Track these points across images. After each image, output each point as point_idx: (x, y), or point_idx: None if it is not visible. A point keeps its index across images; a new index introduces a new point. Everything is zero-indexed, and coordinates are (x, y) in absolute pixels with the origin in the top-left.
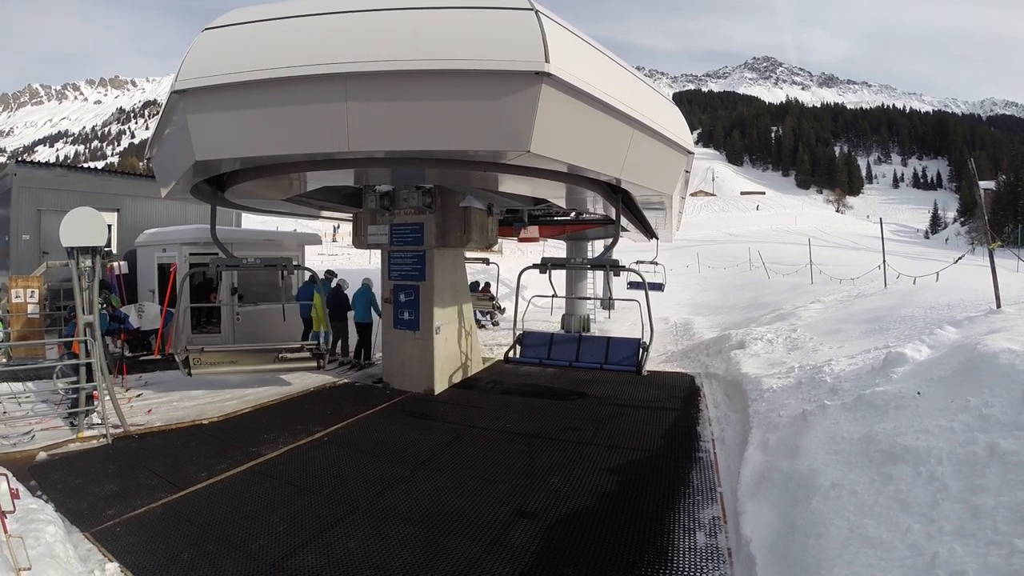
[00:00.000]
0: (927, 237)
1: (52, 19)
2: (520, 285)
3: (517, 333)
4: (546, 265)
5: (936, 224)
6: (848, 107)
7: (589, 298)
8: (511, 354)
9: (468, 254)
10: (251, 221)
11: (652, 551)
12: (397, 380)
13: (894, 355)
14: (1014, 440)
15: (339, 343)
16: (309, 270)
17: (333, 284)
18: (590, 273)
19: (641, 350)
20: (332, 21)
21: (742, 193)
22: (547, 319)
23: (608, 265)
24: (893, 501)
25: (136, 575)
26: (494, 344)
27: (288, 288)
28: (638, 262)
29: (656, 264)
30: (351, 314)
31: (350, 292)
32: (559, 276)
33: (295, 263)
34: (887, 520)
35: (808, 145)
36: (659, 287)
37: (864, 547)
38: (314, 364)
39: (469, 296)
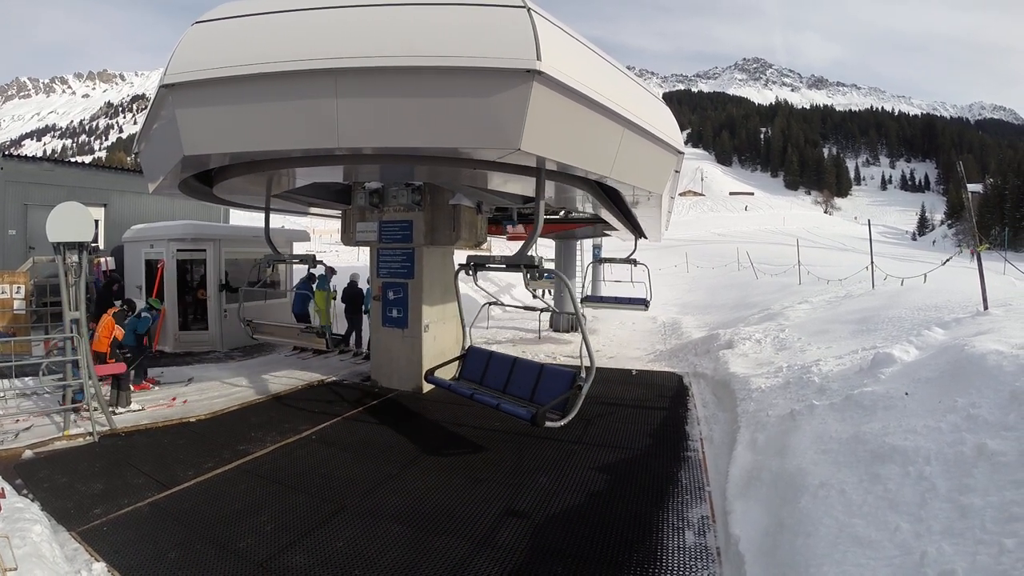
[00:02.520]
0: (915, 239)
1: (40, 12)
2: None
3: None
4: (470, 265)
5: (924, 226)
6: (837, 109)
7: (538, 308)
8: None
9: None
10: (239, 217)
11: (641, 550)
12: (385, 378)
13: (882, 356)
14: (1002, 440)
15: (352, 335)
16: (326, 265)
17: (347, 281)
18: (578, 272)
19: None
20: (323, 16)
21: (731, 193)
22: (537, 318)
23: (523, 265)
24: (882, 500)
25: (123, 575)
26: (483, 343)
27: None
28: (603, 260)
29: (635, 263)
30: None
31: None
32: (503, 274)
33: (317, 260)
34: (876, 519)
35: (797, 146)
36: (642, 304)
37: (853, 546)
38: (323, 344)
39: (459, 296)
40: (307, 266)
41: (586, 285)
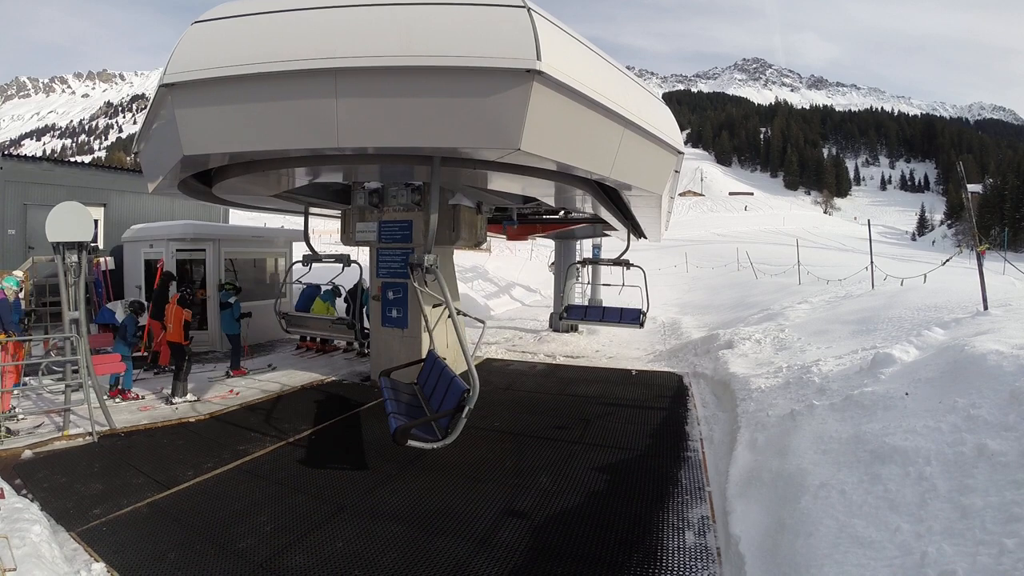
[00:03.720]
0: (914, 239)
1: (40, 11)
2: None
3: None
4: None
5: (923, 226)
6: (837, 109)
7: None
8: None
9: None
10: (239, 217)
11: (641, 550)
12: None
13: (882, 356)
14: (1002, 440)
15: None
16: (334, 284)
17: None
18: (578, 268)
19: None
20: (323, 16)
21: (730, 194)
22: (536, 318)
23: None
24: (882, 501)
25: (123, 575)
26: (482, 343)
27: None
28: (587, 262)
29: (629, 266)
30: None
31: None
32: (502, 273)
33: (351, 260)
34: (876, 520)
35: (797, 146)
36: (635, 319)
37: (853, 546)
38: (351, 335)
39: (458, 294)
40: (343, 264)
41: (568, 292)
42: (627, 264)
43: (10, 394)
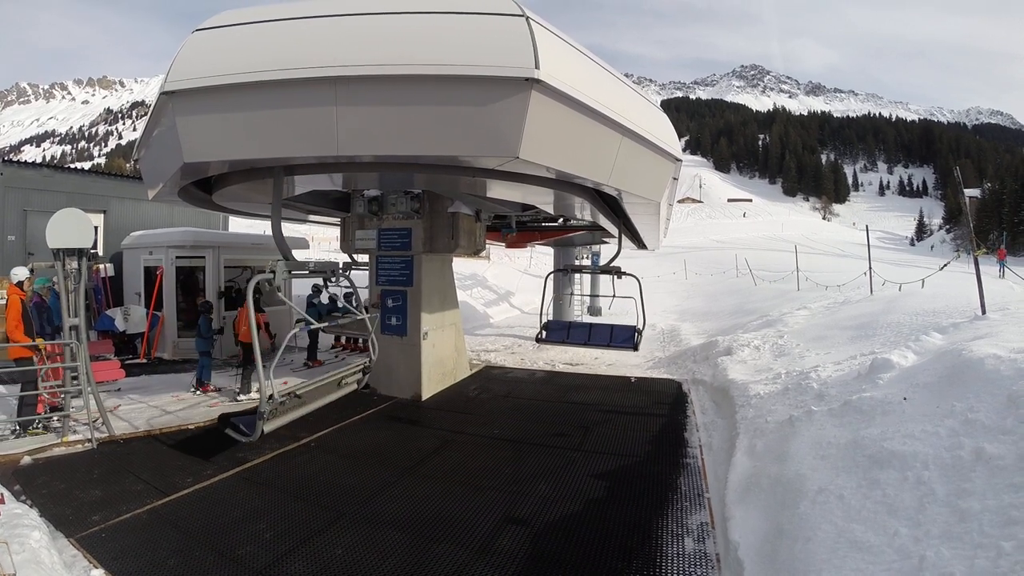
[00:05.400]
0: (913, 244)
1: (40, 17)
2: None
3: (544, 321)
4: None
5: (922, 231)
6: (835, 115)
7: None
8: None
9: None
10: (238, 224)
11: (640, 557)
12: (384, 386)
13: (880, 361)
14: (999, 444)
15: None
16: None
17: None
18: (577, 277)
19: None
20: (323, 24)
21: (729, 200)
22: (536, 325)
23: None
24: (880, 505)
25: None
26: (481, 350)
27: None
28: (571, 269)
29: (620, 275)
30: None
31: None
32: (501, 281)
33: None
34: (875, 524)
35: (795, 153)
36: (629, 339)
37: (852, 551)
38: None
39: (457, 302)
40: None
41: (549, 305)
42: (618, 272)
43: (56, 393)
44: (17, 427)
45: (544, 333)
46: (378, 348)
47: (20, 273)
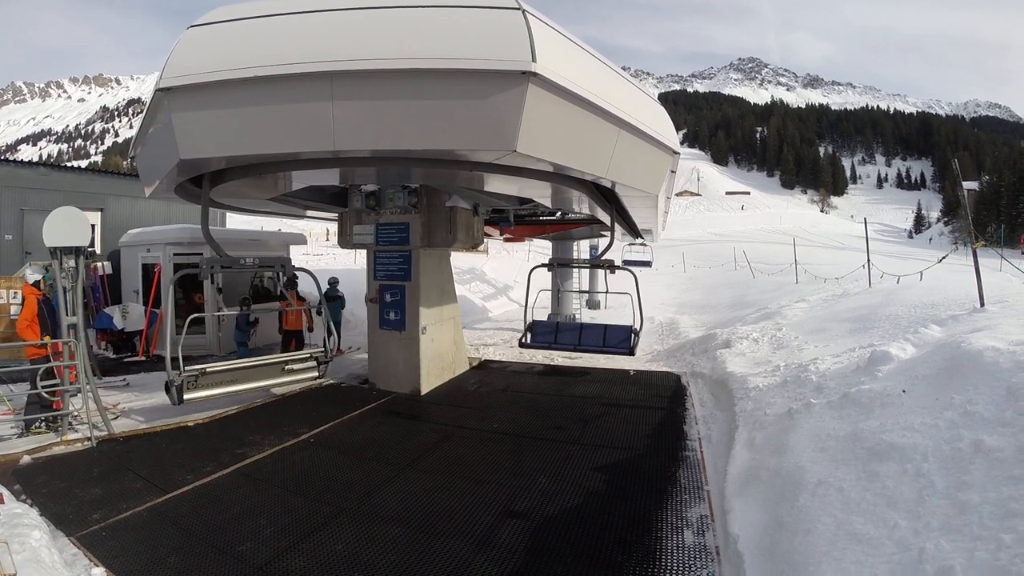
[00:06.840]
0: (911, 237)
1: (36, 16)
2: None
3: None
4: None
5: (920, 224)
6: (833, 108)
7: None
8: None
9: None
10: (235, 221)
11: (640, 550)
12: (383, 381)
13: (879, 353)
14: (998, 436)
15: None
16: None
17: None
18: (575, 272)
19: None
20: (318, 19)
21: (727, 193)
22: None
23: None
24: (880, 498)
25: None
26: (480, 344)
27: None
28: (558, 264)
29: (613, 269)
30: None
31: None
32: (538, 274)
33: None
34: (874, 517)
35: (793, 145)
36: (624, 342)
37: (851, 543)
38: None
39: (455, 296)
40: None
41: (531, 307)
42: (610, 266)
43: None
44: (22, 426)
45: (528, 336)
46: (340, 339)
47: (35, 274)
